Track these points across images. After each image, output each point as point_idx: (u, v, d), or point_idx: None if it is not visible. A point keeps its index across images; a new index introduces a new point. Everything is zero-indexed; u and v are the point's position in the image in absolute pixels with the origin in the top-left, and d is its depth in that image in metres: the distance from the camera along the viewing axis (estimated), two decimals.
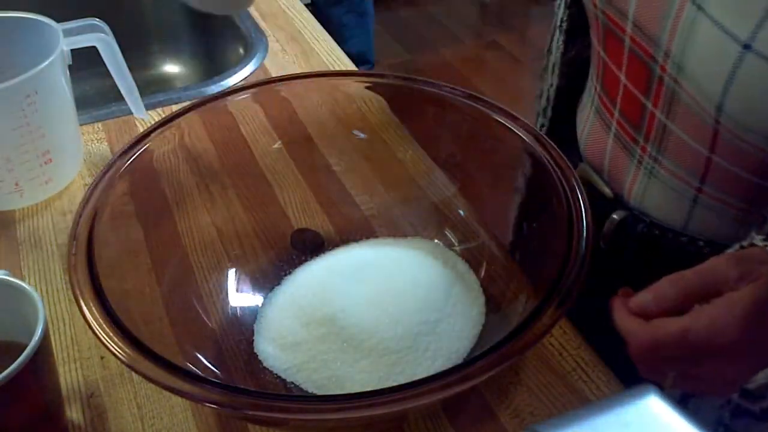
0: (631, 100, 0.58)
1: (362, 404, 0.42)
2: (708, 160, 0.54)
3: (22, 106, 0.66)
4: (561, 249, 0.50)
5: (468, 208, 0.68)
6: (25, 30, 0.72)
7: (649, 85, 0.55)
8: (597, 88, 0.64)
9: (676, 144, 0.56)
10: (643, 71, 0.55)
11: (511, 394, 0.55)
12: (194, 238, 0.63)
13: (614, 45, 0.58)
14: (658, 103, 0.55)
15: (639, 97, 0.57)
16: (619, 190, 0.63)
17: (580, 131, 0.69)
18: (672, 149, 0.56)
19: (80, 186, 0.76)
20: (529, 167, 0.63)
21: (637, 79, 0.56)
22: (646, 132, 0.58)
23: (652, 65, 0.54)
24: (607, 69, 0.61)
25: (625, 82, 0.58)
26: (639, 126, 0.58)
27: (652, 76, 0.54)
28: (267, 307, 0.62)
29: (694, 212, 0.58)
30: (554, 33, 0.71)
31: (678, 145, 0.56)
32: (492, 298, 0.60)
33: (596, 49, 0.62)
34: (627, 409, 0.38)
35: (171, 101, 0.87)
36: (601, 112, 0.63)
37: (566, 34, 0.68)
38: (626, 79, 0.58)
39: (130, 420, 0.54)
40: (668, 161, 0.57)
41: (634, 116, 0.59)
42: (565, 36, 0.68)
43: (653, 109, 0.56)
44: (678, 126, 0.55)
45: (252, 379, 0.56)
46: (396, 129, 0.74)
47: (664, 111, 0.55)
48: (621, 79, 0.58)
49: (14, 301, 0.50)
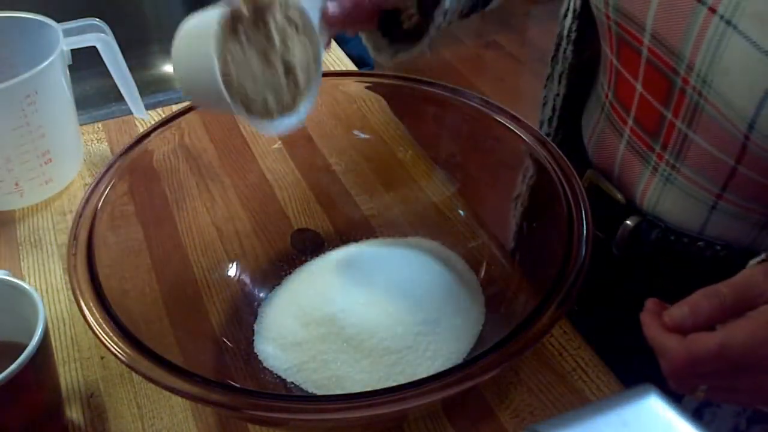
0: (647, 109, 0.57)
1: (362, 404, 0.42)
2: (733, 169, 0.53)
3: (22, 106, 0.66)
4: (561, 249, 0.50)
5: (468, 208, 0.68)
6: (25, 30, 0.72)
7: (669, 96, 0.54)
8: (608, 96, 0.63)
9: (698, 153, 0.55)
10: (662, 82, 0.54)
11: (511, 394, 0.55)
12: (194, 238, 0.63)
13: (630, 55, 0.57)
14: (678, 113, 0.54)
15: (657, 106, 0.56)
16: (631, 196, 0.62)
17: (587, 138, 0.69)
18: (692, 157, 0.55)
19: (80, 186, 0.76)
20: (530, 167, 0.63)
21: (656, 89, 0.56)
22: (664, 140, 0.57)
23: (673, 77, 0.53)
24: (621, 77, 0.60)
25: (641, 92, 0.57)
26: (656, 134, 0.57)
27: (673, 87, 0.53)
28: (267, 307, 0.62)
29: (712, 217, 0.57)
30: (560, 42, 0.70)
31: (699, 154, 0.55)
32: (492, 298, 0.60)
33: (608, 58, 0.62)
34: (627, 409, 0.38)
35: (171, 101, 0.87)
36: (613, 119, 0.63)
37: (575, 44, 0.67)
38: (643, 89, 0.57)
39: (130, 420, 0.54)
40: (687, 169, 0.56)
41: (650, 124, 0.58)
42: (574, 46, 0.67)
43: (673, 118, 0.55)
44: (701, 136, 0.54)
45: (252, 379, 0.56)
46: (396, 129, 0.74)
47: (685, 121, 0.54)
48: (637, 88, 0.58)
49: (14, 301, 0.50)
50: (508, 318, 0.57)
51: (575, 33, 0.67)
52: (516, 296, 0.59)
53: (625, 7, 0.55)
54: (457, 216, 0.68)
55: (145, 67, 1.23)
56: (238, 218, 0.66)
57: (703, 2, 0.48)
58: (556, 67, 0.71)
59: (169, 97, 0.88)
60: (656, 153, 0.58)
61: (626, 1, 0.55)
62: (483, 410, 0.54)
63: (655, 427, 0.37)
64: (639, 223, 0.61)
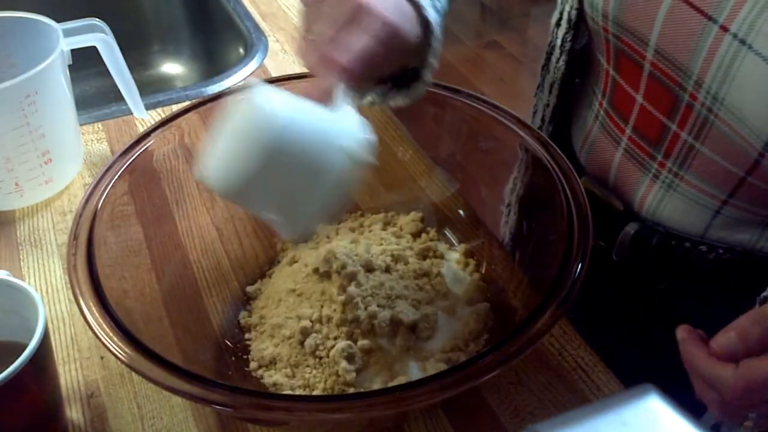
0: (649, 120, 0.57)
1: (362, 404, 0.42)
2: (742, 179, 0.53)
3: (22, 106, 0.66)
4: (561, 249, 0.50)
5: (468, 208, 0.68)
6: (25, 30, 0.72)
7: (674, 109, 0.54)
8: (602, 104, 0.63)
9: (704, 163, 0.55)
10: (666, 96, 0.54)
11: (511, 394, 0.55)
12: (194, 238, 0.63)
13: (630, 67, 0.57)
14: (684, 126, 0.54)
15: (660, 118, 0.56)
16: (628, 202, 0.62)
17: (578, 145, 0.68)
18: (698, 167, 0.55)
19: (80, 186, 0.76)
20: (530, 167, 0.63)
21: (659, 102, 0.55)
22: (667, 149, 0.57)
23: (679, 92, 0.53)
24: (619, 88, 0.60)
25: (642, 103, 0.57)
26: (658, 143, 0.57)
27: (678, 101, 0.53)
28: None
29: (715, 221, 0.57)
30: (551, 52, 0.69)
31: (706, 164, 0.55)
32: (492, 298, 0.60)
33: (604, 69, 0.61)
34: (627, 409, 0.38)
35: (171, 101, 0.87)
36: (608, 128, 0.62)
37: (568, 54, 0.67)
38: (644, 101, 0.57)
39: (130, 420, 0.54)
40: (692, 177, 0.56)
41: (652, 134, 0.58)
42: (567, 56, 0.67)
43: (678, 130, 0.55)
44: (709, 149, 0.53)
45: (252, 379, 0.56)
46: (396, 129, 0.74)
47: (692, 134, 0.54)
48: (637, 99, 0.57)
49: (14, 301, 0.50)
50: (508, 318, 0.57)
51: (569, 43, 0.66)
52: (516, 296, 0.59)
53: (626, 22, 0.55)
54: (457, 216, 0.68)
55: (145, 67, 1.23)
56: (238, 218, 0.66)
57: (714, 20, 0.48)
58: (546, 77, 0.70)
59: (169, 97, 0.88)
60: (658, 161, 0.58)
61: (628, 17, 0.54)
62: (483, 410, 0.54)
63: (655, 427, 0.37)
64: (639, 229, 0.61)
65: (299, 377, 0.54)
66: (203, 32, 1.20)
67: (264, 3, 1.11)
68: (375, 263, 0.58)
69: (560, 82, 0.68)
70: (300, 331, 0.55)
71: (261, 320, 0.59)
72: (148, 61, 1.23)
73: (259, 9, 1.09)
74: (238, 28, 1.05)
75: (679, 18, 0.50)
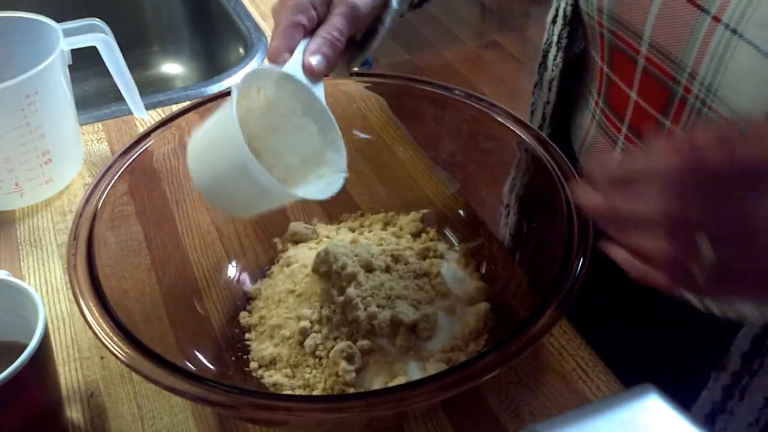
0: (644, 117, 0.57)
1: (362, 404, 0.42)
2: None
3: (22, 106, 0.66)
4: (561, 249, 0.50)
5: (468, 208, 0.68)
6: (25, 30, 0.72)
7: (668, 105, 0.54)
8: (598, 103, 0.63)
9: None
10: (660, 91, 0.54)
11: (511, 394, 0.55)
12: (194, 238, 0.63)
13: (624, 63, 0.57)
14: (679, 120, 0.54)
15: (654, 114, 0.56)
16: None
17: (577, 144, 0.68)
18: None
19: (80, 186, 0.76)
20: (530, 167, 0.63)
21: (653, 98, 0.56)
22: None
23: (673, 86, 0.53)
24: (613, 85, 0.60)
25: (636, 100, 0.57)
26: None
27: (673, 96, 0.53)
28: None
29: None
30: (548, 49, 0.69)
31: None
32: (492, 298, 0.60)
33: (597, 65, 0.61)
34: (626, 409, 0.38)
35: (171, 101, 0.87)
36: (605, 127, 0.62)
37: (565, 51, 0.67)
38: (638, 97, 0.57)
39: (130, 420, 0.54)
40: None
41: (647, 131, 0.58)
42: (564, 53, 0.67)
43: (672, 126, 0.55)
44: None
45: (252, 379, 0.56)
46: (396, 129, 0.74)
47: (686, 129, 0.54)
48: (632, 96, 0.58)
49: (14, 301, 0.50)
50: (508, 318, 0.57)
51: (566, 39, 0.66)
52: (516, 296, 0.59)
53: (621, 15, 0.55)
54: (457, 216, 0.68)
55: (145, 67, 1.23)
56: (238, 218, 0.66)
57: (706, 11, 0.48)
58: (545, 74, 0.70)
59: (169, 97, 0.88)
60: None
61: (623, 10, 0.55)
62: (483, 410, 0.54)
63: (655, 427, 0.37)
64: None
65: (299, 377, 0.54)
66: (203, 32, 1.20)
67: (264, 3, 1.11)
68: (375, 263, 0.58)
69: (559, 79, 0.69)
70: (300, 332, 0.55)
71: (261, 320, 0.59)
72: (148, 61, 1.23)
73: (259, 9, 1.09)
74: (238, 28, 1.06)
75: (672, 10, 0.51)
